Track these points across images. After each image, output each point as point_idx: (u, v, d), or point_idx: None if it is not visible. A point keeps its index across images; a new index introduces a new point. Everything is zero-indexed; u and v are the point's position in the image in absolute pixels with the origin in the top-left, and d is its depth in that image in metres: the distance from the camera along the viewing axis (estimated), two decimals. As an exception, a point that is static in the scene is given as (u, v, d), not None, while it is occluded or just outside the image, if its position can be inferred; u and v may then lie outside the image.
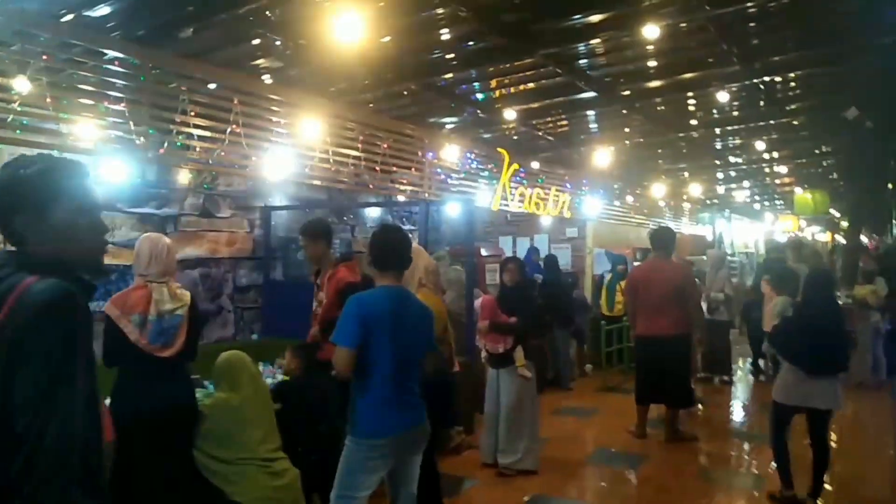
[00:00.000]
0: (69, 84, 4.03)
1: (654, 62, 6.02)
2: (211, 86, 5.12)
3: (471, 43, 5.21)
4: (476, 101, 7.06)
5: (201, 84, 4.80)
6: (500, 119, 7.39)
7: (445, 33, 5.02)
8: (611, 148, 9.58)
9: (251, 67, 5.33)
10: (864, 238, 14.07)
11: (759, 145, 9.83)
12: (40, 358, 1.30)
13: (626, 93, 6.92)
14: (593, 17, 4.68)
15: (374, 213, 8.93)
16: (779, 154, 11.08)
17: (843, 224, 17.63)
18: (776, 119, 8.29)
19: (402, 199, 7.41)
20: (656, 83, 6.57)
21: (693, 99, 7.52)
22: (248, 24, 4.38)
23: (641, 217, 12.92)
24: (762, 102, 7.67)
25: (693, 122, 8.61)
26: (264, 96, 5.28)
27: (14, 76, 3.74)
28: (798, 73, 6.47)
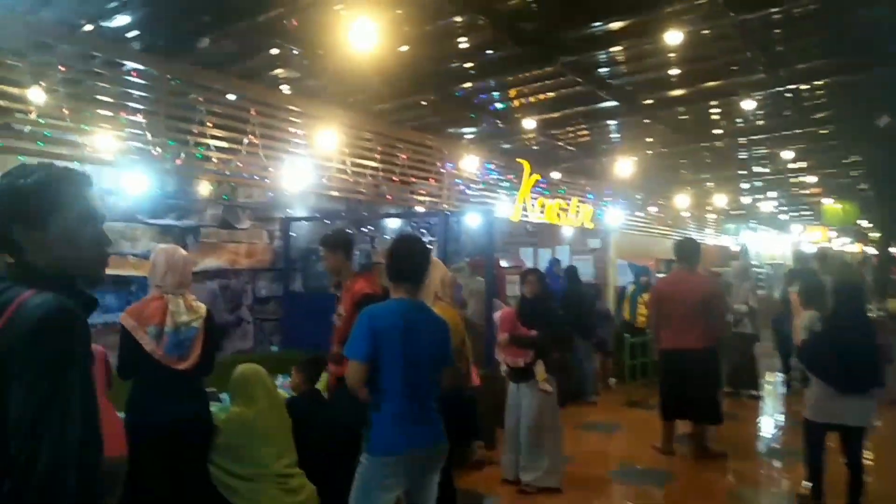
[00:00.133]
0: (87, 95, 4.04)
1: (676, 70, 5.91)
2: (230, 97, 5.13)
3: (489, 52, 5.16)
4: (495, 111, 7.00)
5: (218, 95, 4.80)
6: (519, 129, 7.32)
7: (463, 42, 4.98)
8: (633, 158, 9.43)
9: (269, 78, 5.33)
10: (894, 250, 13.69)
11: (786, 155, 9.62)
12: (34, 375, 1.25)
13: (649, 102, 6.81)
14: (614, 25, 4.59)
15: (393, 223, 8.89)
16: (806, 164, 10.85)
17: (874, 235, 17.21)
18: (803, 128, 8.10)
19: (421, 209, 7.36)
20: (679, 92, 6.45)
21: (717, 108, 7.39)
22: (265, 35, 4.37)
23: (665, 228, 12.74)
24: (788, 111, 7.51)
25: (717, 131, 8.46)
26: (282, 107, 5.28)
27: (33, 87, 3.77)
28: (825, 80, 6.31)
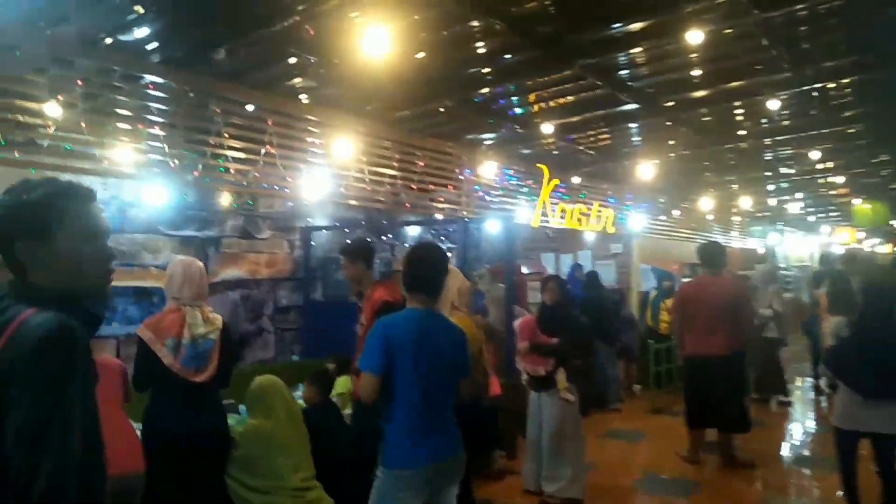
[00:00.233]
0: (106, 108, 4.07)
1: (698, 71, 5.77)
2: (249, 107, 5.15)
3: (507, 56, 5.09)
4: (514, 116, 6.93)
5: (236, 105, 4.81)
6: (538, 134, 7.23)
7: (480, 47, 4.92)
8: (655, 161, 9.30)
9: (286, 88, 5.33)
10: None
11: (813, 155, 9.40)
12: (35, 393, 1.22)
13: (670, 104, 6.68)
14: (633, 26, 4.50)
15: (413, 231, 8.87)
16: (834, 164, 10.59)
17: (906, 235, 16.81)
18: (830, 127, 7.89)
19: (440, 217, 7.32)
20: (702, 93, 6.31)
21: (741, 108, 7.22)
22: (281, 44, 4.37)
23: (689, 231, 12.55)
24: (814, 110, 7.33)
25: (741, 132, 8.27)
26: (299, 116, 5.28)
27: (52, 102, 3.80)
28: (853, 78, 6.13)
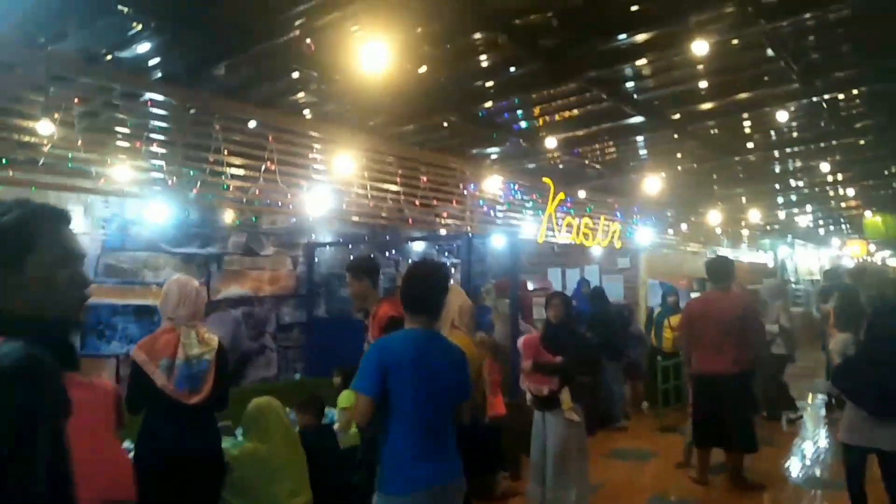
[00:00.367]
0: (106, 126, 4.03)
1: (705, 83, 5.69)
2: (251, 124, 5.10)
3: (511, 69, 5.03)
4: (518, 131, 6.86)
5: (236, 122, 4.77)
6: (543, 148, 7.15)
7: (484, 60, 4.86)
8: (662, 174, 9.20)
9: (286, 104, 5.28)
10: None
11: (823, 167, 9.28)
12: None
13: (677, 116, 6.59)
14: (639, 37, 4.42)
15: (418, 247, 8.80)
16: (844, 176, 10.46)
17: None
18: (840, 139, 7.78)
19: (444, 232, 7.25)
20: (708, 105, 6.22)
21: (749, 120, 7.13)
22: (281, 60, 4.32)
23: (697, 245, 12.42)
24: (824, 122, 7.23)
25: (750, 144, 8.17)
26: (300, 132, 5.23)
27: (51, 120, 3.76)
28: (863, 88, 6.03)
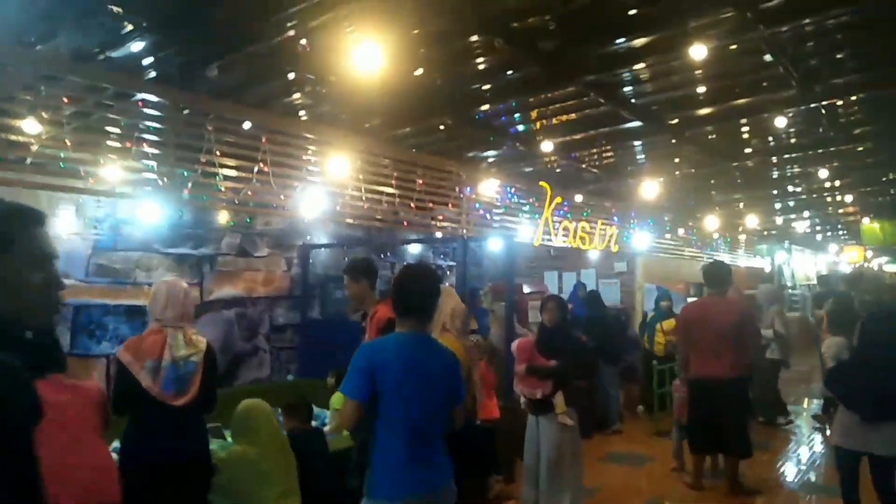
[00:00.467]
0: (97, 126, 3.99)
1: (703, 88, 5.66)
2: (246, 125, 5.06)
3: (508, 73, 5.00)
4: (515, 134, 6.83)
5: (230, 123, 4.72)
6: (540, 152, 7.13)
7: (481, 63, 4.83)
8: (660, 179, 9.17)
9: (280, 105, 5.25)
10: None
11: (821, 173, 9.26)
12: None
13: (675, 121, 6.57)
14: (637, 41, 4.39)
15: (414, 249, 8.76)
16: (842, 182, 10.43)
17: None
18: (839, 145, 7.76)
19: (440, 235, 7.22)
20: (707, 110, 6.19)
21: (747, 126, 7.10)
22: (275, 61, 4.28)
23: (694, 251, 12.40)
24: (823, 128, 7.20)
25: (748, 150, 8.16)
26: (294, 134, 5.19)
27: (42, 120, 3.72)
28: (862, 95, 6.01)
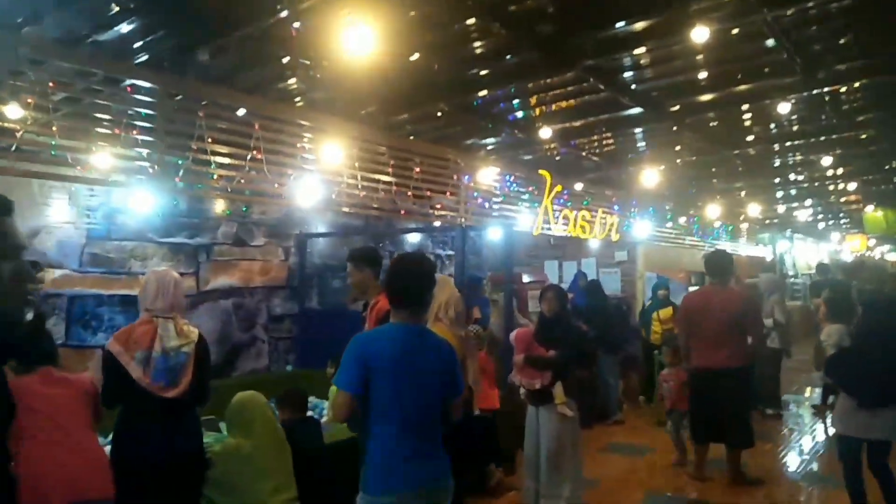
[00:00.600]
0: (84, 112, 3.92)
1: (704, 73, 5.58)
2: (241, 112, 4.98)
3: (506, 57, 4.91)
4: (514, 121, 6.75)
5: (220, 109, 4.64)
6: (540, 139, 7.05)
7: (478, 47, 4.74)
8: (661, 167, 9.09)
9: (273, 91, 5.16)
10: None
11: (824, 161, 9.18)
12: None
13: (676, 108, 6.48)
14: (637, 25, 4.31)
15: (413, 238, 8.69)
16: (845, 170, 10.35)
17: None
18: (842, 132, 7.67)
19: (438, 224, 7.15)
20: (708, 96, 6.11)
21: (749, 112, 7.01)
22: (268, 45, 4.20)
23: (695, 239, 12.33)
24: (825, 115, 7.11)
25: (750, 137, 8.07)
26: (288, 121, 5.11)
27: (29, 106, 3.64)
28: (866, 81, 5.91)
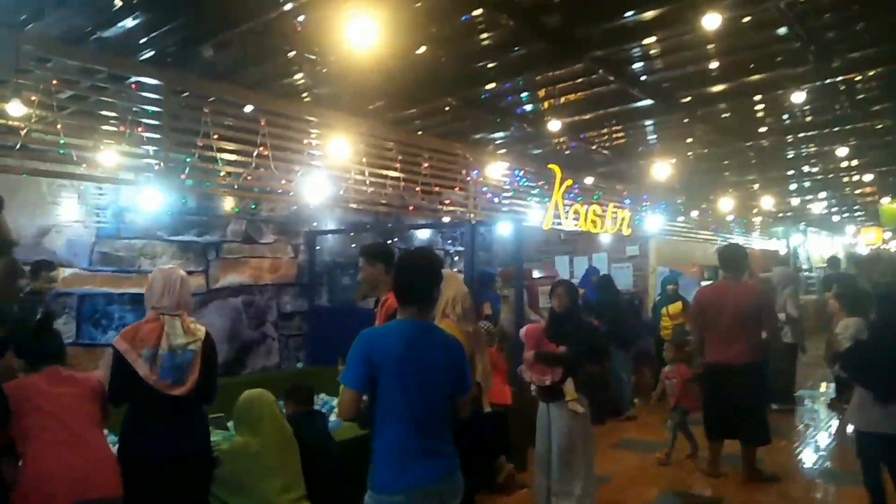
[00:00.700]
0: (88, 109, 3.90)
1: (716, 63, 5.48)
2: (248, 108, 4.95)
3: (513, 49, 4.85)
4: (522, 115, 6.67)
5: (226, 105, 4.62)
6: (549, 133, 6.97)
7: (485, 39, 4.68)
8: (672, 160, 8.98)
9: (280, 87, 5.13)
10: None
11: (839, 152, 9.03)
12: None
13: (687, 99, 6.38)
14: (646, 14, 4.23)
15: (422, 234, 8.66)
16: (860, 161, 10.18)
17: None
18: (857, 123, 7.54)
19: (447, 219, 7.11)
20: (720, 87, 6.01)
21: (762, 103, 6.89)
22: (272, 40, 4.16)
23: (708, 233, 12.21)
24: (840, 105, 6.99)
25: (762, 129, 7.95)
26: (294, 116, 5.08)
27: (31, 103, 3.63)
28: (881, 69, 5.79)
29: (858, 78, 6.11)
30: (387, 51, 4.23)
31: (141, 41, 3.97)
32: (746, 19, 4.57)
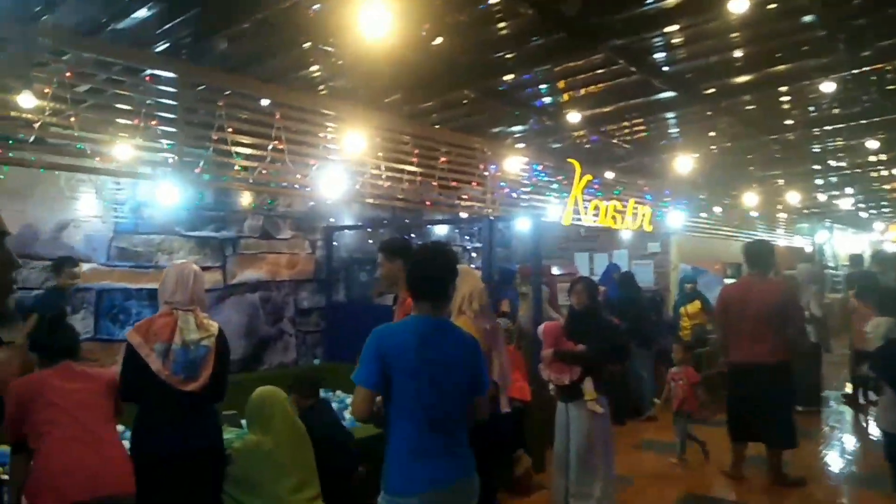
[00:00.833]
0: (103, 103, 3.88)
1: (740, 53, 5.32)
2: (264, 102, 4.92)
3: (531, 39, 4.74)
4: (541, 107, 6.56)
5: (241, 98, 4.58)
6: (568, 126, 6.85)
7: (502, 29, 4.58)
8: (695, 154, 8.80)
9: (295, 80, 5.08)
10: None
11: (868, 146, 8.77)
12: None
13: (710, 91, 6.21)
14: (668, 1, 4.10)
15: (440, 230, 8.60)
16: (890, 155, 9.89)
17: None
18: (887, 115, 7.30)
19: (465, 215, 7.02)
20: (744, 78, 5.84)
21: (788, 95, 6.69)
22: (288, 32, 4.11)
23: (731, 229, 11.99)
24: (870, 96, 6.76)
25: (788, 121, 7.73)
26: (309, 109, 5.03)
27: (52, 97, 3.61)
28: (913, 59, 5.60)
29: (889, 68, 5.90)
30: (403, 41, 4.17)
31: (156, 32, 3.94)
32: (772, 6, 4.41)
